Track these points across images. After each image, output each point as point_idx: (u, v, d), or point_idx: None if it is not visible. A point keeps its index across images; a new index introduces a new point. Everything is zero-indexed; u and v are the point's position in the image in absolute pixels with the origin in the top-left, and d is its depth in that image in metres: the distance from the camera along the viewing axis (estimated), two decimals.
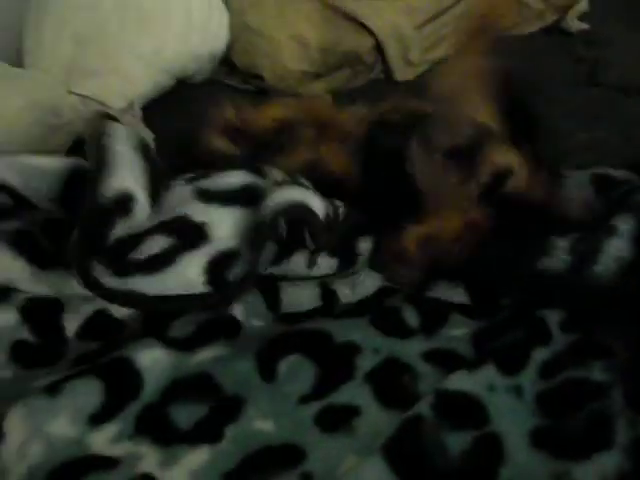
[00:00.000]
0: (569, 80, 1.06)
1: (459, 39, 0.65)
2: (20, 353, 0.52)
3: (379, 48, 1.01)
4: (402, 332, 0.56)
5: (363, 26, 1.00)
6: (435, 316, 0.58)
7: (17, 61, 0.89)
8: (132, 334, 0.54)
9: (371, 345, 0.54)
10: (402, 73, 1.04)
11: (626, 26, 1.19)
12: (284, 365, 0.51)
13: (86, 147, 0.60)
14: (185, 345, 0.53)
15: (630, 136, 0.88)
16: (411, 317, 0.58)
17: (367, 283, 0.63)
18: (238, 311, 0.57)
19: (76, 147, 0.80)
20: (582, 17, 1.23)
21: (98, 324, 0.55)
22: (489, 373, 0.50)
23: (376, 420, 0.48)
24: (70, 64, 0.86)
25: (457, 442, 0.45)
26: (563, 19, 1.21)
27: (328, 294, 0.62)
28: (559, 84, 1.05)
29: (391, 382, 0.51)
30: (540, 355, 0.52)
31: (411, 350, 0.54)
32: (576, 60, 1.12)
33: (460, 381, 0.50)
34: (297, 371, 0.51)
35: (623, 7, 1.26)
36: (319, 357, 0.52)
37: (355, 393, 0.50)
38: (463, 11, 1.15)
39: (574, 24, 1.21)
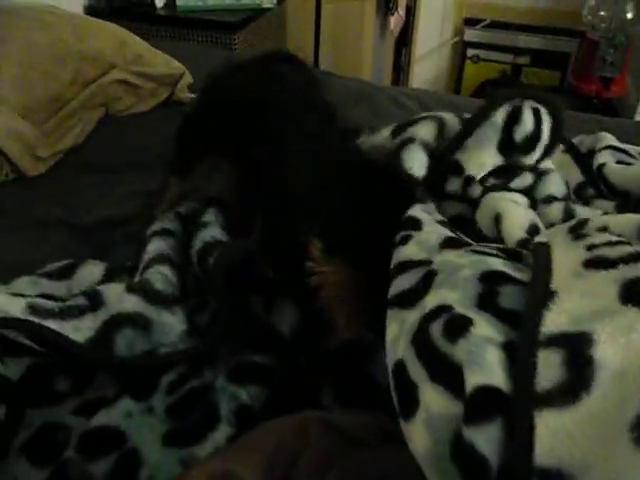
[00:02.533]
0: None
1: None
2: None
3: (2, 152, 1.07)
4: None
5: None
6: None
7: None
8: None
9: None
10: (32, 169, 1.10)
11: None
12: None
13: None
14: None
15: None
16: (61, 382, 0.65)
17: None
18: None
19: None
20: (192, 88, 1.44)
21: None
22: (126, 403, 0.60)
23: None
24: None
25: (100, 467, 0.54)
26: (174, 93, 1.41)
27: None
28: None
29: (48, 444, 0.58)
30: (167, 378, 0.63)
31: (62, 411, 0.61)
32: None
33: (101, 417, 0.59)
34: None
35: None
36: None
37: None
38: (86, 98, 1.27)
39: (185, 95, 1.42)
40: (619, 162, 0.90)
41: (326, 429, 0.50)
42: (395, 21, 2.39)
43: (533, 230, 0.72)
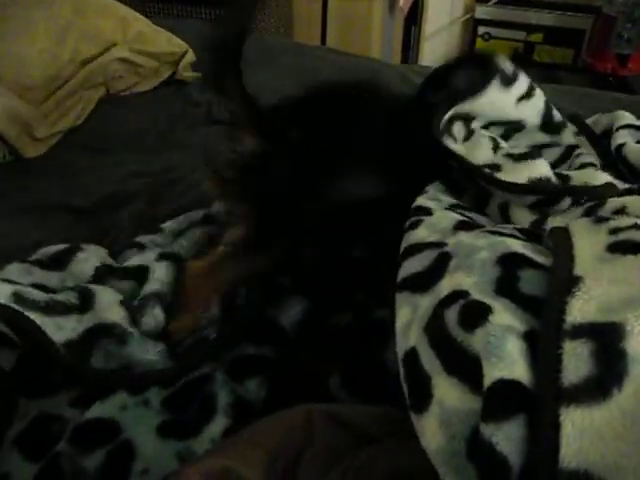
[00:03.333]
0: (189, 123, 1.21)
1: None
2: None
3: None
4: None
5: None
6: None
7: None
8: None
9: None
10: (31, 150, 1.07)
11: None
12: None
13: None
14: None
15: None
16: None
17: None
18: None
19: None
20: (195, 66, 1.40)
21: None
22: (121, 397, 0.57)
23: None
24: None
25: (93, 460, 0.51)
26: (177, 72, 1.37)
27: None
28: (182, 128, 1.19)
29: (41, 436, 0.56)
30: None
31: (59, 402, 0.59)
32: (194, 105, 1.28)
33: (95, 410, 0.56)
34: None
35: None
36: None
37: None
38: (85, 77, 1.23)
39: (189, 74, 1.38)
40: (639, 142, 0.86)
41: (332, 423, 0.47)
42: None
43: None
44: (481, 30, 2.88)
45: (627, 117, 0.93)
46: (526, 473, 0.36)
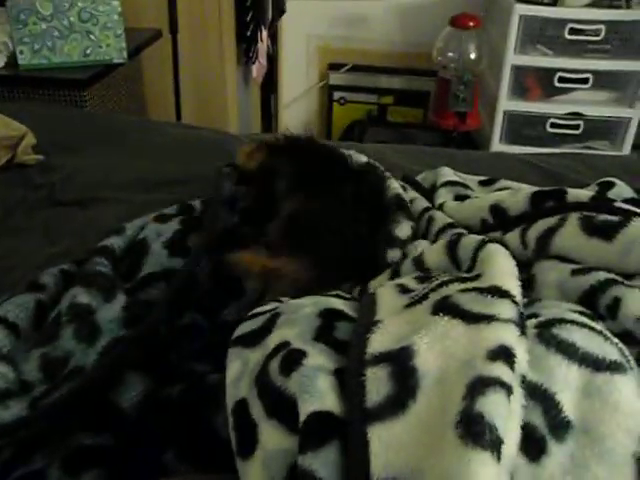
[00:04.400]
0: (28, 207, 1.16)
1: None
2: None
3: None
4: None
5: None
6: None
7: None
8: None
9: None
10: None
11: (75, 153, 1.37)
12: None
13: None
14: None
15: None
16: None
17: None
18: None
19: None
20: (38, 149, 1.36)
21: None
22: None
23: None
24: None
25: None
26: (16, 155, 1.32)
27: None
28: (20, 212, 1.15)
29: None
30: None
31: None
32: (35, 188, 1.24)
33: None
34: None
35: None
36: None
37: None
38: None
39: (29, 157, 1.34)
40: (457, 196, 0.94)
41: None
42: (257, 69, 2.42)
43: None
44: (337, 95, 3.04)
45: (446, 174, 1.02)
46: None
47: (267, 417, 0.45)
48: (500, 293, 0.49)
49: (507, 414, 0.40)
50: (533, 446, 0.41)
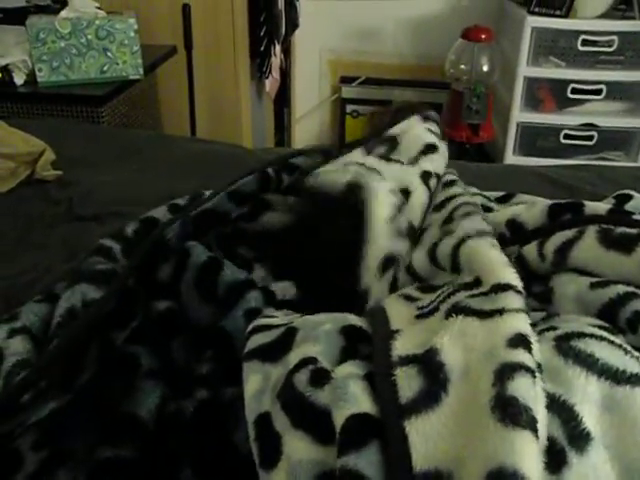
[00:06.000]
0: (47, 222, 1.18)
1: None
2: None
3: None
4: None
5: None
6: None
7: None
8: None
9: None
10: None
11: (92, 168, 1.39)
12: None
13: None
14: None
15: None
16: None
17: None
18: None
19: None
20: (57, 165, 1.38)
21: None
22: None
23: None
24: None
25: None
26: (35, 171, 1.35)
27: None
28: (40, 228, 1.17)
29: None
30: None
31: None
32: (54, 203, 1.26)
33: None
34: None
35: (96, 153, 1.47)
36: None
37: None
38: None
39: (48, 173, 1.36)
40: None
41: None
42: (270, 84, 2.45)
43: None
44: (349, 108, 3.06)
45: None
46: None
47: (293, 428, 0.46)
48: (502, 288, 0.52)
49: (535, 396, 0.42)
50: (553, 458, 0.41)
